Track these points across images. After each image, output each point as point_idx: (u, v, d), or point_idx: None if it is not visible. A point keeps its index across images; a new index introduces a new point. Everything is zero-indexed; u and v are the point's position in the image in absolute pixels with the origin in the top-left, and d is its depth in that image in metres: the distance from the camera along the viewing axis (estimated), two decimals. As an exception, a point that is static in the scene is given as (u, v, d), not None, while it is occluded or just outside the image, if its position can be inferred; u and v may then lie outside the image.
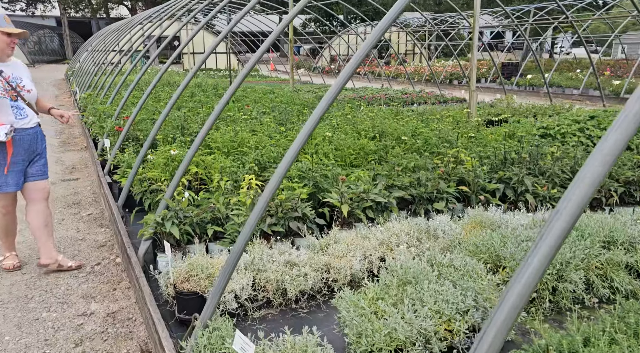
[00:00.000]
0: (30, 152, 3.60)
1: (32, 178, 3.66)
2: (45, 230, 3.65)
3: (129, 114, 6.86)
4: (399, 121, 6.44)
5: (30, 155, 3.61)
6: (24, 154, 3.55)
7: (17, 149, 3.49)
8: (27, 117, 3.54)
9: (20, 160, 3.53)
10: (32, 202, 3.69)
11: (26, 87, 3.58)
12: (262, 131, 5.80)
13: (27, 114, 3.53)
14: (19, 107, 3.51)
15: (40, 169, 3.70)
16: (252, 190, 3.97)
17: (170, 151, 4.54)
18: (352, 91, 15.85)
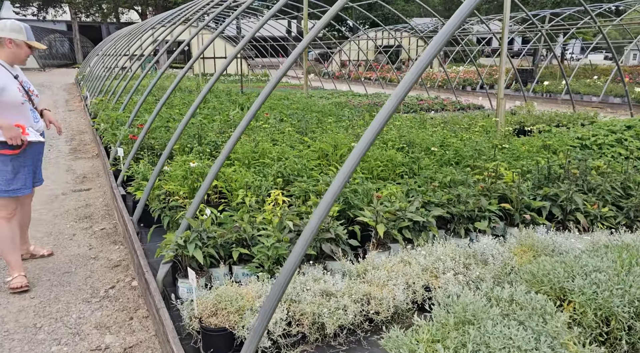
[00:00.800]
0: (37, 155, 3.68)
1: (37, 183, 3.77)
2: (24, 228, 3.87)
3: (143, 121, 6.60)
4: (426, 130, 6.12)
5: (36, 159, 3.68)
6: (34, 158, 3.62)
7: (32, 151, 3.54)
8: (40, 121, 3.64)
9: (31, 163, 3.58)
10: (23, 206, 3.77)
11: (35, 91, 3.68)
12: (283, 141, 5.51)
13: (39, 118, 3.65)
14: (34, 111, 3.61)
15: (40, 173, 3.83)
16: (279, 207, 3.68)
17: (190, 163, 4.26)
18: (366, 97, 15.57)
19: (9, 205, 3.47)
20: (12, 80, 3.42)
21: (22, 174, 3.48)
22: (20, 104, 3.41)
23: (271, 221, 3.53)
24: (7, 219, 3.50)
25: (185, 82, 16.63)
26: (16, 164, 3.45)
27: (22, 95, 3.44)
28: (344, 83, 24.91)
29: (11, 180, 3.43)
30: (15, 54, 3.45)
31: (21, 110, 3.45)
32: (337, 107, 9.64)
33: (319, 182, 4.15)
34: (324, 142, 5.24)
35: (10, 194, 3.44)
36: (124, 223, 4.26)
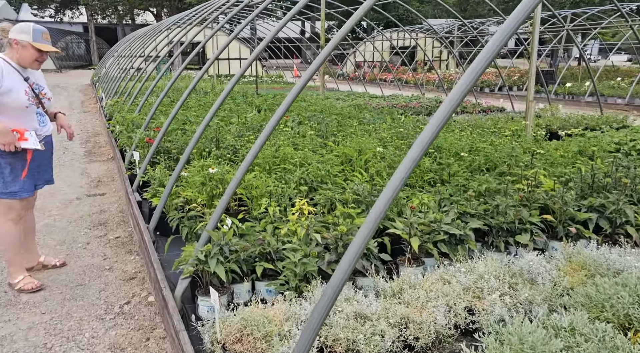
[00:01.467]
0: (44, 159, 3.55)
1: (40, 185, 3.59)
2: (30, 234, 3.70)
3: (159, 124, 6.42)
4: (453, 134, 5.84)
5: (46, 161, 3.59)
6: (40, 161, 3.50)
7: (36, 154, 3.42)
8: (47, 125, 3.54)
9: (35, 166, 3.45)
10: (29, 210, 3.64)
11: (47, 94, 3.54)
12: (304, 145, 5.28)
13: (46, 121, 3.54)
14: (41, 114, 3.49)
15: (50, 175, 3.67)
16: (304, 217, 3.44)
17: (209, 169, 4.05)
18: (383, 99, 15.29)
19: (14, 207, 3.34)
20: (20, 82, 3.27)
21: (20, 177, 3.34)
22: (25, 107, 3.27)
23: (296, 232, 3.30)
24: (15, 221, 3.37)
25: (200, 84, 16.49)
26: (14, 167, 3.30)
27: (29, 99, 3.29)
28: (359, 84, 24.66)
29: (9, 183, 3.29)
30: (21, 56, 3.27)
31: (25, 113, 3.31)
32: (356, 109, 9.39)
33: (345, 190, 3.91)
34: (347, 146, 4.99)
35: (8, 197, 3.30)
36: (139, 232, 4.06)
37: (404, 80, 25.85)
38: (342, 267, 1.77)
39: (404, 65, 31.21)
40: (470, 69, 1.73)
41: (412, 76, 26.95)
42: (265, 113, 8.22)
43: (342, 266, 1.77)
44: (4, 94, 3.17)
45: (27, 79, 3.32)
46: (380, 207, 1.74)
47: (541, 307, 2.54)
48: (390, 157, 4.74)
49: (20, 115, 3.28)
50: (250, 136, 5.71)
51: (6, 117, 3.21)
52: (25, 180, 3.35)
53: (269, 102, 9.92)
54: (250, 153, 2.91)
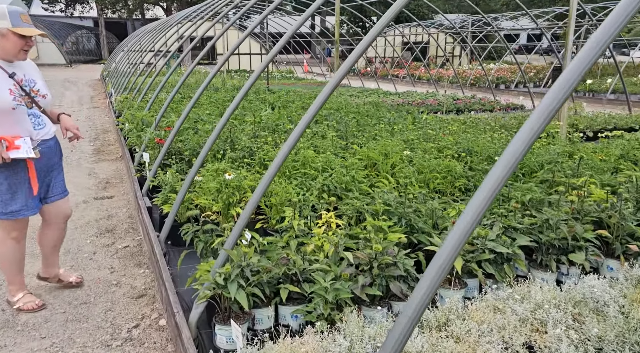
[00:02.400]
0: (48, 167, 3.08)
1: (54, 197, 3.15)
2: (54, 250, 3.32)
3: (170, 123, 6.11)
4: (483, 135, 5.46)
5: (48, 172, 3.09)
6: (42, 171, 3.03)
7: (37, 164, 2.95)
8: (45, 127, 3.01)
9: (40, 178, 3.01)
10: (50, 226, 3.23)
11: (41, 91, 3.00)
12: (324, 147, 4.93)
13: (44, 123, 3.01)
14: (36, 115, 2.95)
15: (61, 185, 3.22)
16: (331, 230, 3.10)
17: (225, 175, 3.72)
18: (398, 96, 14.89)
19: (15, 226, 2.97)
20: (2, 80, 2.77)
21: (21, 194, 2.89)
22: (11, 109, 2.75)
23: (322, 247, 2.96)
24: (17, 240, 3.03)
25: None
26: (13, 182, 2.86)
27: (15, 99, 2.77)
28: (370, 80, 24.24)
29: (8, 201, 2.86)
30: (3, 48, 2.75)
31: (12, 116, 2.78)
32: (374, 107, 9.02)
33: (373, 200, 3.56)
34: (371, 149, 4.64)
35: (8, 217, 2.89)
36: (149, 243, 3.74)
37: (417, 76, 25.38)
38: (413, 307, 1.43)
39: (416, 61, 30.74)
40: (577, 61, 1.37)
41: (425, 72, 26.46)
42: (279, 111, 7.88)
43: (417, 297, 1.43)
44: None
45: (12, 75, 2.80)
46: (464, 230, 1.39)
47: (614, 345, 2.19)
48: (419, 162, 4.38)
49: (8, 119, 2.77)
50: (267, 137, 5.36)
51: None
52: (27, 196, 2.90)
53: (282, 99, 9.58)
54: (275, 162, 2.57)
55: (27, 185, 2.91)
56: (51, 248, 3.28)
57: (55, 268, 3.37)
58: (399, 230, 3.20)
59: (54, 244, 3.29)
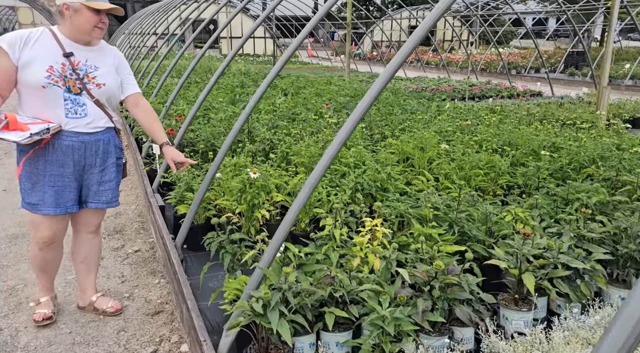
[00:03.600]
0: (84, 164, 2.58)
1: (93, 203, 2.68)
2: (83, 268, 2.86)
3: (180, 111, 5.68)
4: (526, 127, 5.02)
5: (85, 170, 2.60)
6: (73, 167, 2.54)
7: (59, 157, 2.50)
8: (84, 117, 2.53)
9: (66, 174, 2.54)
10: (76, 235, 2.84)
11: (98, 79, 2.56)
12: (353, 140, 4.51)
13: (86, 113, 2.53)
14: (79, 103, 2.52)
15: (108, 195, 2.71)
16: (375, 240, 2.70)
17: (249, 172, 3.31)
18: (410, 81, 14.40)
19: (38, 226, 2.58)
20: (52, 55, 2.45)
21: (40, 186, 2.51)
22: (41, 87, 2.41)
23: (373, 264, 2.56)
24: (40, 246, 2.63)
25: (214, 63, 15.69)
26: (32, 171, 2.51)
27: (49, 78, 2.42)
28: (377, 65, 23.71)
29: (29, 191, 2.53)
30: (76, 25, 2.46)
31: (43, 96, 2.44)
32: (393, 94, 8.57)
33: (418, 202, 3.15)
34: (405, 142, 4.22)
35: (29, 208, 2.54)
36: (164, 248, 3.35)
37: (425, 61, 24.80)
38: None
39: (423, 46, 30.05)
40: None
41: (433, 57, 25.88)
42: (293, 98, 7.43)
43: None
44: (22, 68, 2.41)
45: (68, 54, 2.47)
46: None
47: None
48: (460, 157, 3.96)
49: (38, 98, 2.45)
50: (292, 128, 4.90)
51: (24, 102, 2.48)
52: (45, 191, 2.51)
53: (294, 85, 9.12)
54: (323, 162, 2.16)
55: (47, 178, 2.51)
56: (80, 264, 2.86)
57: (88, 293, 2.88)
58: (450, 239, 2.81)
59: (83, 259, 2.85)
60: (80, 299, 2.90)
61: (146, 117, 2.79)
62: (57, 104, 2.47)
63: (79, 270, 2.87)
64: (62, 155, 2.50)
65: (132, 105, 2.76)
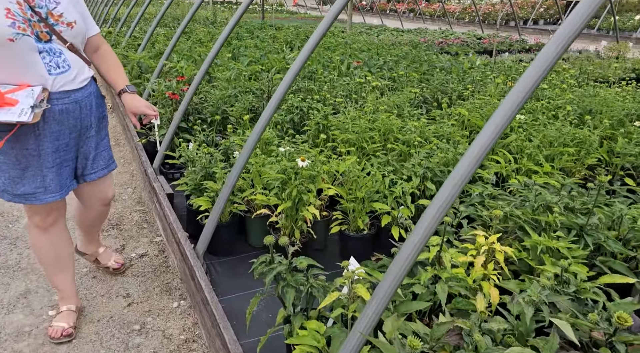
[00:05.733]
0: (80, 129, 2.07)
1: (93, 174, 2.20)
2: (91, 230, 2.56)
3: (177, 70, 4.73)
4: (598, 89, 4.23)
5: (81, 135, 2.09)
6: (69, 136, 2.03)
7: (53, 128, 1.96)
8: (69, 70, 1.97)
9: (62, 147, 2.01)
10: (86, 208, 2.37)
11: (65, 17, 1.95)
12: (396, 106, 3.68)
13: (69, 64, 1.98)
14: (53, 53, 1.92)
15: (104, 157, 2.23)
16: (491, 260, 1.95)
17: (298, 160, 2.49)
18: (412, 33, 13.40)
19: (37, 211, 2.08)
20: None
21: (34, 170, 1.96)
22: (7, 41, 1.77)
23: (480, 290, 1.84)
24: (41, 228, 2.13)
25: (199, 12, 14.33)
26: (21, 154, 1.94)
27: (14, 25, 1.79)
28: (369, 16, 22.42)
29: (18, 179, 1.97)
30: None
31: (12, 53, 1.82)
32: (414, 48, 7.66)
33: (525, 199, 2.39)
34: (468, 110, 3.41)
35: (21, 201, 2.00)
36: (181, 257, 2.56)
37: (418, 12, 23.55)
38: None
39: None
40: None
41: (426, 7, 24.67)
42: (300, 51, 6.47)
43: None
44: None
45: None
46: None
47: None
48: (543, 130, 3.20)
49: (5, 57, 1.82)
50: (324, 92, 3.97)
51: None
52: (44, 174, 1.97)
53: (301, 36, 8.11)
54: (462, 168, 1.37)
55: (42, 158, 1.96)
56: (88, 228, 2.54)
57: (94, 246, 2.64)
58: (580, 254, 2.08)
59: (91, 224, 2.52)
60: (80, 244, 2.63)
61: (107, 60, 2.22)
62: (33, 60, 1.86)
63: (86, 231, 2.55)
64: (56, 125, 1.96)
65: (93, 49, 2.18)
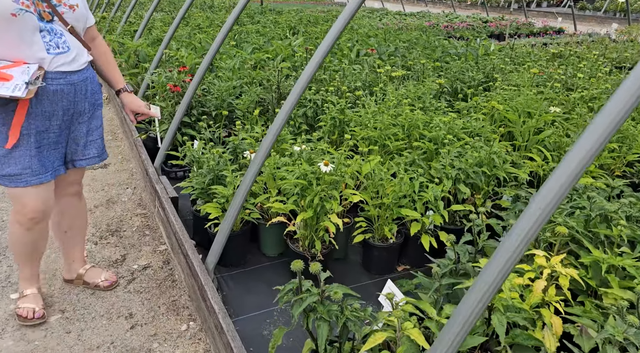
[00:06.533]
0: (73, 112, 2.01)
1: (83, 161, 2.14)
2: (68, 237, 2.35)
3: (178, 60, 4.42)
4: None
5: (73, 119, 2.03)
6: (62, 117, 1.97)
7: (46, 108, 1.91)
8: (68, 51, 1.94)
9: (53, 128, 1.96)
10: (58, 198, 2.22)
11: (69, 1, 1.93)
12: (416, 98, 3.40)
13: (68, 46, 1.94)
14: (56, 33, 1.90)
15: (97, 146, 2.16)
16: (551, 283, 1.69)
17: (320, 164, 2.22)
18: (415, 16, 13.02)
19: (24, 200, 1.97)
20: None
21: (23, 150, 1.89)
22: (10, 15, 1.74)
23: (538, 316, 1.58)
24: (23, 225, 2.02)
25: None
26: (5, 132, 1.87)
27: (17, 1, 1.75)
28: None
29: (4, 159, 1.89)
30: None
31: (14, 28, 1.77)
32: (423, 33, 7.33)
33: (586, 210, 2.12)
34: (497, 102, 3.13)
35: (6, 183, 1.92)
36: (189, 271, 2.30)
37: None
38: None
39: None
40: None
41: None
42: (309, 40, 6.14)
43: None
44: None
45: None
46: None
47: None
48: (581, 123, 2.92)
49: (7, 32, 1.77)
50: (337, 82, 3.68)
51: None
52: (32, 155, 1.90)
53: (304, 21, 7.76)
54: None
55: (33, 138, 1.90)
56: (64, 235, 2.35)
57: (76, 266, 2.41)
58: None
59: (67, 228, 2.33)
60: (65, 271, 2.44)
61: (104, 56, 2.19)
62: (33, 37, 1.83)
63: (63, 241, 2.37)
64: (49, 105, 1.90)
65: (90, 39, 2.13)
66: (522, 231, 1.11)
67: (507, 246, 1.12)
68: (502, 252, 1.12)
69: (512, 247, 1.11)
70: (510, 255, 1.11)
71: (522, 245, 1.10)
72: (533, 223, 1.10)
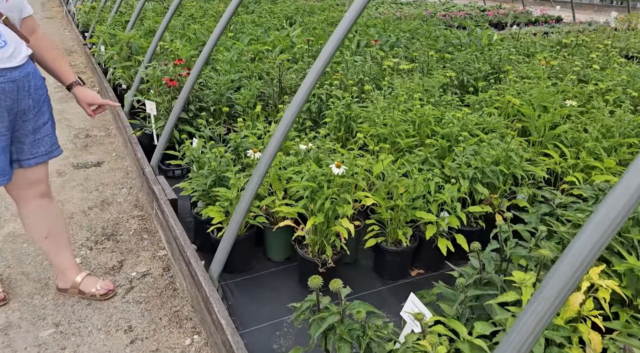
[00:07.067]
0: (17, 112, 1.85)
1: (32, 160, 1.98)
2: (51, 244, 2.19)
3: (173, 52, 4.23)
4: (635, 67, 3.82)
5: (17, 118, 1.87)
6: (7, 118, 1.82)
7: None
8: (5, 46, 1.75)
9: (2, 131, 1.82)
10: (24, 205, 2.09)
11: None
12: (424, 92, 3.25)
13: (4, 40, 1.76)
14: None
15: (47, 142, 2.01)
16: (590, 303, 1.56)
17: (332, 166, 2.07)
18: (412, 5, 12.81)
19: None
20: None
21: None
22: None
23: (574, 331, 1.46)
24: None
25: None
26: None
27: None
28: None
29: None
30: None
31: None
32: (424, 22, 7.15)
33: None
34: (516, 98, 2.99)
35: None
36: (192, 280, 2.16)
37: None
38: None
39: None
40: None
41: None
42: (307, 31, 5.95)
43: None
44: None
45: None
46: None
47: None
48: (601, 118, 2.80)
49: None
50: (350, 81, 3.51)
51: None
52: None
53: (301, 11, 7.55)
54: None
55: None
56: (45, 243, 2.18)
57: (70, 273, 2.26)
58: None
59: (47, 235, 2.16)
60: (59, 280, 2.29)
61: (48, 49, 2.01)
62: None
63: (47, 250, 2.21)
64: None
65: (28, 32, 1.93)
66: (579, 254, 0.97)
67: (562, 270, 0.99)
68: (556, 276, 0.99)
69: (567, 273, 0.98)
70: (564, 282, 0.98)
71: (578, 270, 0.97)
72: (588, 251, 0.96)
